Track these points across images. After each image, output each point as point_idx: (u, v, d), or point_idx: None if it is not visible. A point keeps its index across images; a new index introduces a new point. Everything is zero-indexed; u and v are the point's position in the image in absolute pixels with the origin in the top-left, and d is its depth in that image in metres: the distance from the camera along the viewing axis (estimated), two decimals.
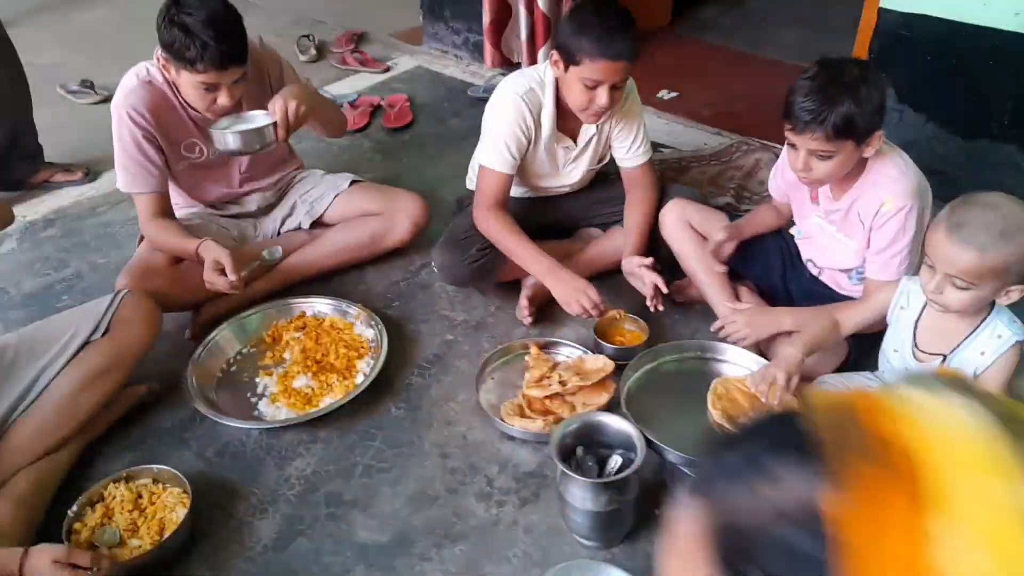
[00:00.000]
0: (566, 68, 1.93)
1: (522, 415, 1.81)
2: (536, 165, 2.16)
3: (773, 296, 2.09)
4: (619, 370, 1.85)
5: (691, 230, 2.13)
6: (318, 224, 2.33)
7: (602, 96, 1.91)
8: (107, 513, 1.57)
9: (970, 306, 1.47)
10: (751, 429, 0.65)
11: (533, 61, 3.47)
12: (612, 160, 2.26)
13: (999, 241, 1.36)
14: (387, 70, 3.73)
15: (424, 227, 2.34)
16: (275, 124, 1.95)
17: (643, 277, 2.02)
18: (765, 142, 2.91)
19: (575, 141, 2.14)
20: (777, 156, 2.55)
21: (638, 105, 2.17)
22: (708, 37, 3.99)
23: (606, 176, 2.34)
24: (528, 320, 2.11)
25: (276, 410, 1.85)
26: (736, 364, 1.85)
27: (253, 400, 1.90)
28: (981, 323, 1.52)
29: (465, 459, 1.75)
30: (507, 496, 1.66)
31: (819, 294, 1.98)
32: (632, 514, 1.53)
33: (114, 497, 1.59)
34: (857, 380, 1.75)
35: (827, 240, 1.91)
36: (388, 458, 1.76)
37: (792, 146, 1.71)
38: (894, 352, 1.67)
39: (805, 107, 1.61)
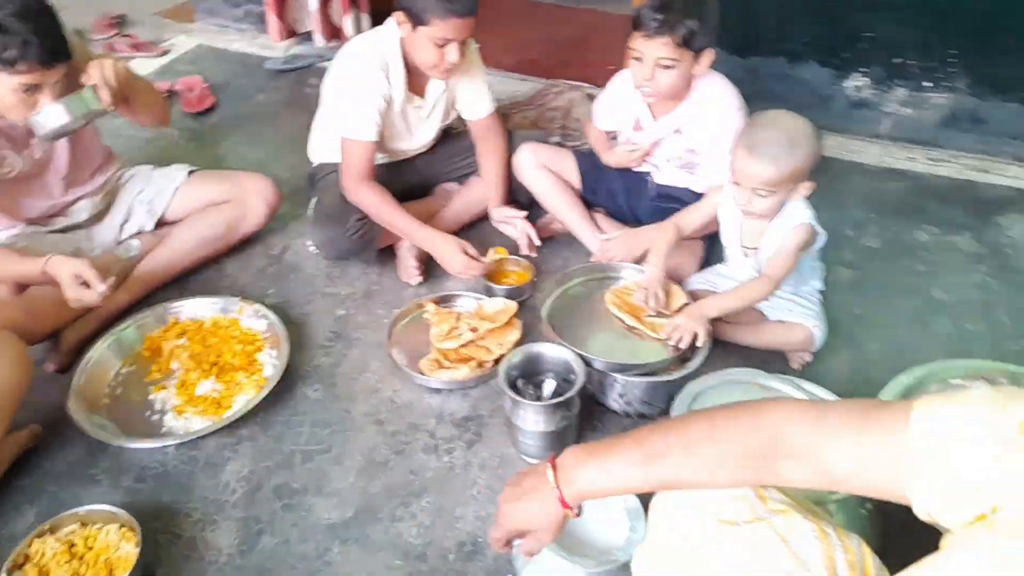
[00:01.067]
0: (414, 28, 1.96)
1: (441, 367, 1.88)
2: (391, 128, 2.18)
3: (622, 220, 2.32)
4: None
5: (546, 170, 2.28)
6: (162, 224, 2.18)
7: (453, 52, 1.97)
8: (42, 573, 1.43)
9: (774, 209, 1.76)
10: None
11: (329, 30, 3.41)
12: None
13: (788, 153, 1.65)
14: (164, 53, 3.46)
15: (278, 208, 2.28)
16: (95, 88, 1.75)
17: (517, 226, 2.16)
18: (571, 82, 3.12)
19: (424, 99, 2.19)
20: (587, 95, 2.79)
21: (478, 57, 2.26)
22: None
23: (449, 131, 2.42)
24: (418, 279, 2.15)
25: (187, 421, 1.76)
26: (623, 277, 2.03)
27: (155, 418, 1.78)
28: (780, 214, 1.81)
29: (401, 420, 1.80)
30: (452, 443, 1.74)
31: (662, 209, 2.23)
32: (576, 429, 1.68)
33: (43, 554, 1.44)
34: (713, 275, 2.02)
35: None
36: (324, 439, 1.75)
37: (637, 59, 1.91)
38: (728, 245, 1.95)
39: (657, 16, 1.82)
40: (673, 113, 2.07)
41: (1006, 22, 2.53)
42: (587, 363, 1.66)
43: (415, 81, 2.13)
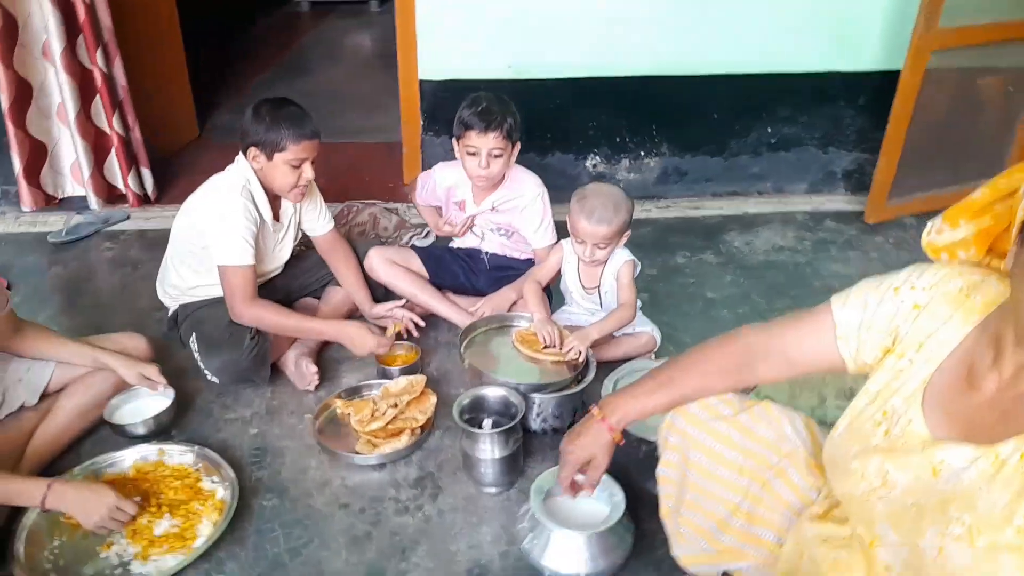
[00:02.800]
0: (270, 158, 2.22)
1: (375, 447, 2.09)
2: (259, 252, 2.36)
3: (467, 294, 2.73)
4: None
5: (396, 266, 2.62)
6: (44, 397, 2.11)
7: (308, 170, 2.24)
8: None
9: (609, 256, 2.32)
10: None
11: (106, 192, 3.42)
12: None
13: (614, 214, 2.22)
14: None
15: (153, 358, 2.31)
16: None
17: (397, 315, 2.46)
18: (364, 201, 3.49)
19: (280, 223, 2.42)
20: (384, 208, 3.23)
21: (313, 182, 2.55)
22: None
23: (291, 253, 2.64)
24: (315, 382, 2.32)
25: (157, 563, 1.75)
26: (516, 324, 2.41)
27: (119, 572, 1.74)
28: (610, 259, 2.38)
29: (362, 499, 1.96)
30: (419, 500, 1.96)
31: (498, 278, 2.68)
32: (522, 452, 2.00)
33: None
34: (564, 315, 2.50)
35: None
36: (301, 534, 1.86)
37: (473, 154, 2.38)
38: (571, 291, 2.47)
39: (485, 115, 2.32)
40: (490, 197, 2.56)
41: (686, 101, 3.47)
42: (514, 388, 2.02)
43: (272, 206, 2.37)
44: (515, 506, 1.93)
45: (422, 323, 2.47)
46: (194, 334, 2.30)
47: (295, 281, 2.60)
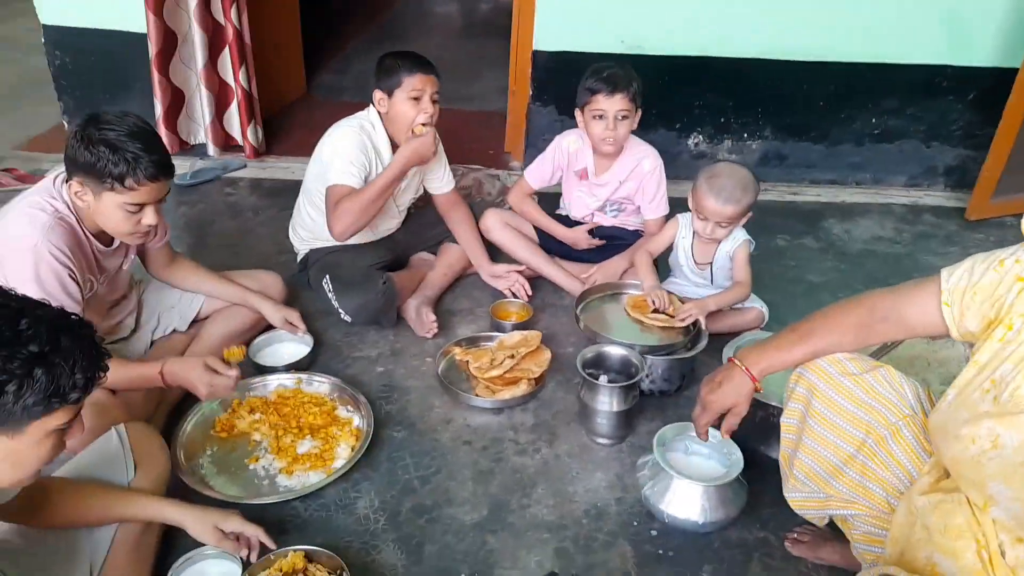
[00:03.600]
0: (391, 95, 2.36)
1: (494, 392, 2.22)
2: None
3: (574, 260, 2.83)
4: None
5: (511, 229, 2.74)
6: (193, 323, 2.29)
7: (427, 102, 2.37)
8: None
9: (728, 234, 2.39)
10: None
11: (223, 141, 3.61)
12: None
13: (743, 194, 2.29)
14: None
15: (287, 298, 2.47)
16: None
17: (512, 280, 2.58)
18: (467, 166, 3.61)
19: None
20: (488, 175, 3.32)
21: (440, 143, 2.67)
22: (345, 96, 4.57)
23: (410, 209, 2.78)
24: (435, 330, 2.46)
25: (300, 478, 1.91)
26: (627, 291, 2.52)
27: (267, 482, 1.91)
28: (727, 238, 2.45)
29: (484, 437, 2.10)
30: (537, 444, 2.08)
31: (604, 248, 2.77)
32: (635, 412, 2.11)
33: None
34: (671, 286, 2.59)
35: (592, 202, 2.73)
36: (429, 464, 2.00)
37: (599, 117, 2.47)
38: (681, 265, 2.54)
39: (612, 78, 2.42)
40: (613, 168, 2.65)
41: (792, 87, 3.49)
42: (628, 347, 2.13)
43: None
44: (627, 457, 2.04)
45: (530, 292, 2.58)
46: (327, 276, 2.46)
47: (413, 237, 2.74)
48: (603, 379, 2.09)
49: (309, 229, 2.57)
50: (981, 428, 1.26)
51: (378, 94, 2.39)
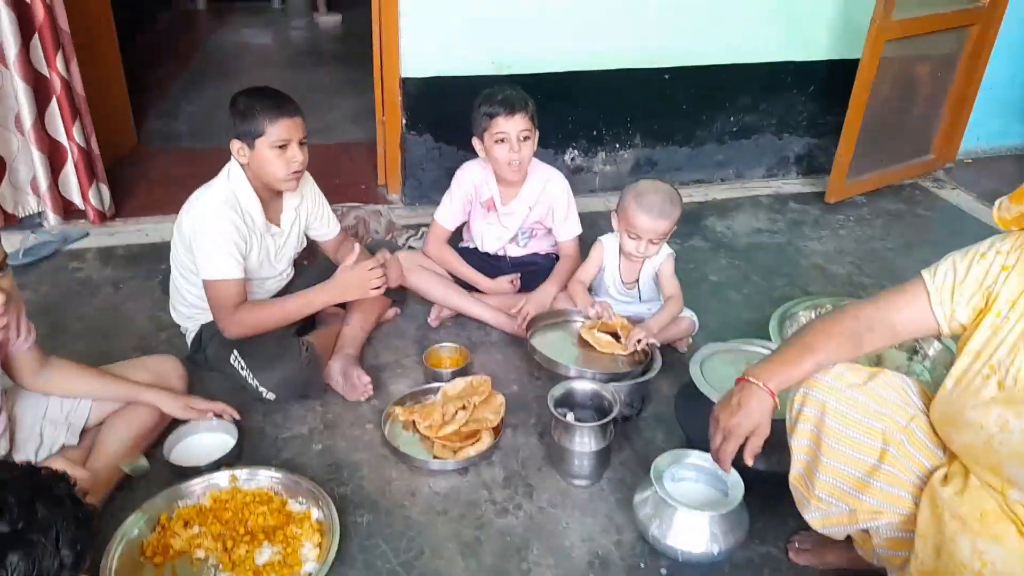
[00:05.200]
0: (252, 147, 2.09)
1: (454, 451, 2.06)
2: (255, 263, 2.22)
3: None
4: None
5: (426, 271, 2.58)
6: (84, 433, 1.93)
7: (296, 152, 2.12)
8: None
9: (659, 250, 2.38)
10: None
11: (62, 208, 3.14)
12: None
13: (672, 207, 2.29)
14: None
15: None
16: None
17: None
18: (346, 204, 3.37)
19: (280, 228, 2.29)
20: (372, 211, 3.15)
21: (316, 186, 2.44)
22: (183, 142, 4.15)
23: (296, 264, 2.49)
24: (369, 392, 2.24)
25: None
26: (572, 319, 2.42)
27: None
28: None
29: (458, 504, 1.93)
30: (516, 499, 1.95)
31: (523, 275, 2.67)
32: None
33: None
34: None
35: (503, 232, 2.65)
36: (409, 547, 1.80)
37: (502, 140, 2.40)
38: (607, 286, 2.50)
39: (509, 99, 2.38)
40: (520, 195, 2.56)
41: (657, 94, 3.58)
42: (590, 378, 2.05)
43: (269, 211, 2.24)
44: (610, 495, 1.96)
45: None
46: (234, 352, 2.17)
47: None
48: (570, 417, 2.00)
49: (192, 304, 2.26)
50: (990, 414, 1.31)
51: (236, 144, 2.10)
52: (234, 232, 2.09)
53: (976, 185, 3.92)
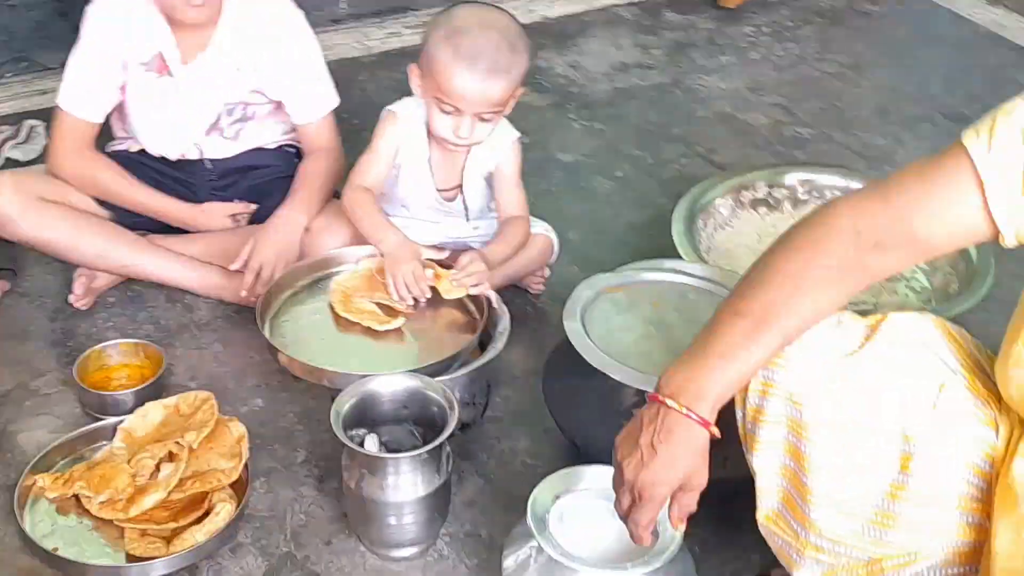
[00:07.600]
0: None
1: (168, 539, 1.11)
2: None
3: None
4: None
5: (51, 206, 1.48)
6: None
7: None
8: None
9: (490, 133, 1.41)
10: None
11: None
12: None
13: (512, 56, 1.34)
14: None
15: None
16: None
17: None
18: None
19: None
20: None
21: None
22: None
23: None
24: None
25: None
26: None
27: None
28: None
29: None
30: None
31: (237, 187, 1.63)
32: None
33: None
34: None
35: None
36: None
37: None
38: (411, 201, 1.52)
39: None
40: (212, 43, 1.49)
41: None
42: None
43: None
44: (458, 566, 1.14)
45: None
46: None
47: None
48: (372, 442, 1.11)
49: None
50: None
51: None
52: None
53: None
